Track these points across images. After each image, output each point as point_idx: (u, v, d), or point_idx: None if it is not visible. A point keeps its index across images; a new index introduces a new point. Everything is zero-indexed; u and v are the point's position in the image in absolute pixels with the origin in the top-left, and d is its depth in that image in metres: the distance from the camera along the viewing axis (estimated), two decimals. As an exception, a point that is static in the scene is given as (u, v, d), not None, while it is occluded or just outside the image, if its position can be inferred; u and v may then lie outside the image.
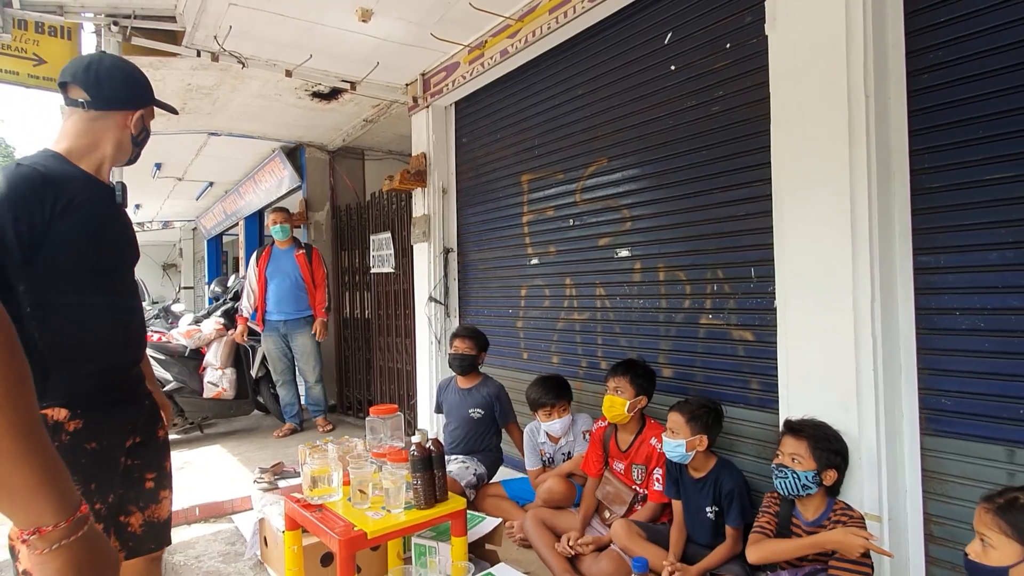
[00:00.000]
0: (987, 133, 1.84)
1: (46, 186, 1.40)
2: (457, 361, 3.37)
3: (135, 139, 1.62)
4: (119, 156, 1.59)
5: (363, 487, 2.15)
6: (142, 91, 1.63)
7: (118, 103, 1.57)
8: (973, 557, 1.39)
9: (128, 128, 1.59)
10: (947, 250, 1.93)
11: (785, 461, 1.94)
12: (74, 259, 1.44)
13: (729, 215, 2.56)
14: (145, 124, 1.64)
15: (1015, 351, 1.80)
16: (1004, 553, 1.34)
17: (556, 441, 3.03)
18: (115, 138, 1.57)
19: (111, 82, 1.56)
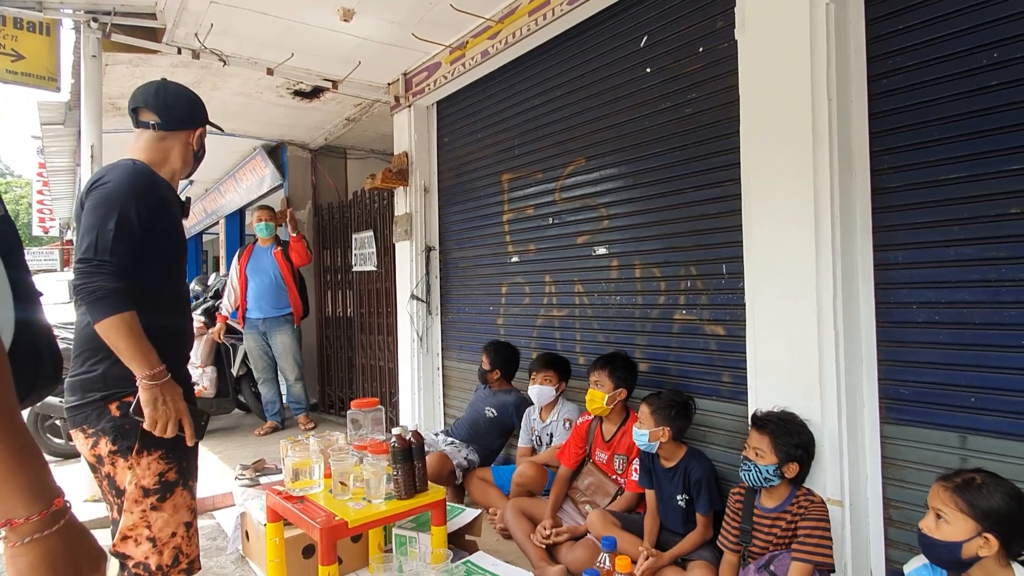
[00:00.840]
0: (942, 135, 1.94)
1: (156, 184, 1.65)
2: (479, 374, 3.56)
3: (196, 155, 1.85)
4: (184, 170, 1.82)
5: (344, 479, 2.19)
6: (201, 112, 1.86)
7: (182, 123, 1.78)
8: (927, 532, 1.47)
9: (191, 145, 1.81)
10: (905, 247, 2.02)
11: (749, 455, 2.02)
12: (166, 252, 1.67)
13: (701, 213, 2.64)
14: (203, 141, 1.86)
15: (966, 342, 1.89)
16: (958, 528, 1.42)
17: (544, 418, 3.14)
18: (182, 154, 1.79)
19: (177, 106, 1.78)
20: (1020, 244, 1.78)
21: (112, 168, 1.62)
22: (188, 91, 1.86)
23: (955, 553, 1.42)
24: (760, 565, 1.97)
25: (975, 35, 1.86)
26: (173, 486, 1.56)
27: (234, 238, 8.43)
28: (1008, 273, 1.81)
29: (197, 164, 1.88)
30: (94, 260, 1.48)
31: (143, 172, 1.62)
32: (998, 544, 1.38)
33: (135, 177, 1.59)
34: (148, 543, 1.52)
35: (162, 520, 1.53)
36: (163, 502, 1.54)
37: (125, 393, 1.53)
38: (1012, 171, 1.79)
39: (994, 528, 1.39)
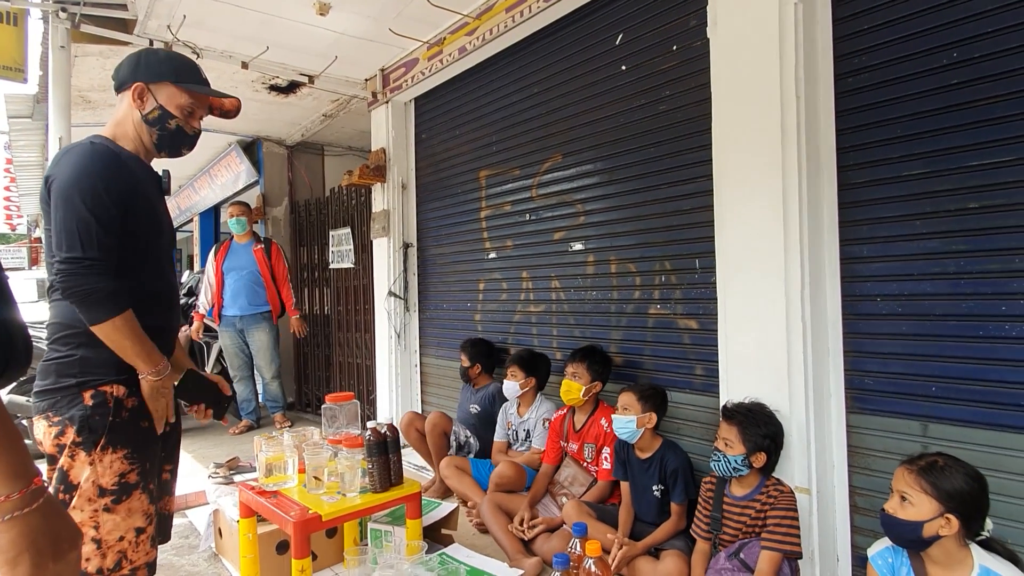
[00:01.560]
0: (904, 133, 1.99)
1: (119, 163, 1.46)
2: (461, 373, 3.57)
3: (147, 119, 1.54)
4: (144, 140, 1.56)
5: (318, 473, 2.18)
6: (146, 66, 1.55)
7: (123, 82, 1.55)
8: (891, 512, 1.52)
9: (136, 106, 1.53)
10: (870, 241, 2.08)
11: (719, 445, 2.06)
12: (142, 238, 1.51)
13: (675, 209, 2.68)
14: (159, 103, 1.53)
15: (928, 333, 1.95)
16: (921, 509, 1.47)
17: (522, 413, 3.16)
18: (132, 121, 1.54)
19: (125, 62, 1.56)
20: (978, 238, 1.85)
21: (67, 152, 1.45)
22: (158, 50, 1.62)
23: (917, 532, 1.46)
24: (730, 553, 2.01)
25: (935, 35, 1.92)
26: (132, 488, 1.45)
27: (209, 235, 8.31)
28: (966, 266, 1.87)
29: (160, 133, 1.54)
30: (84, 259, 1.36)
31: (100, 152, 1.44)
32: (958, 524, 1.43)
33: (93, 160, 1.42)
34: (92, 544, 1.40)
35: (112, 523, 1.42)
36: (118, 504, 1.42)
37: (102, 382, 1.44)
38: (970, 167, 1.85)
39: (955, 509, 1.44)
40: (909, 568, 1.55)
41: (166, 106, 1.54)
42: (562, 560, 1.21)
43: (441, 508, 2.58)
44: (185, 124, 1.58)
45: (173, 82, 1.55)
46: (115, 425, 1.43)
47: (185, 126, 1.58)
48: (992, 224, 1.82)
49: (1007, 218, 1.79)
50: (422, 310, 4.42)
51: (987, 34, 1.82)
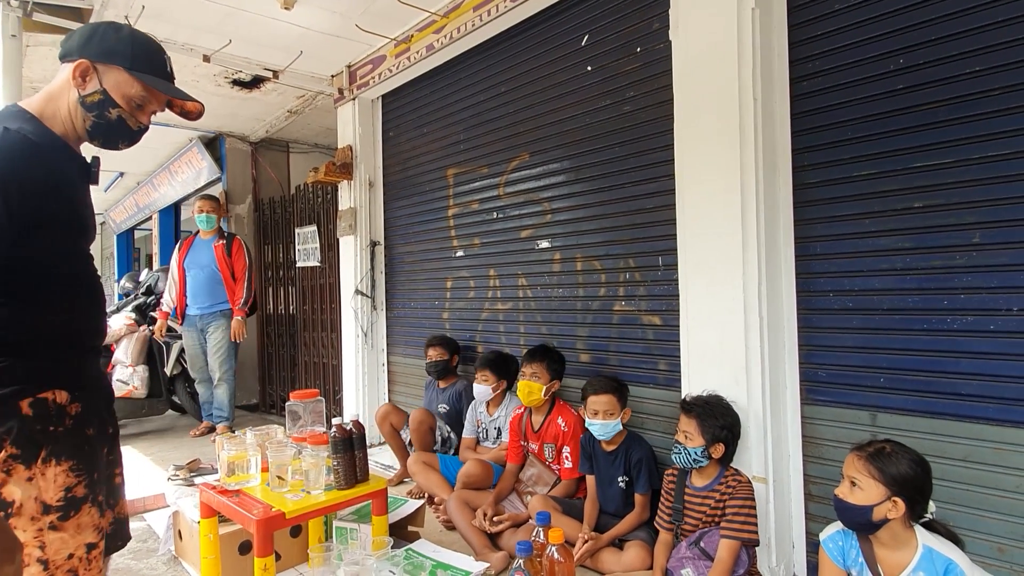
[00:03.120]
0: (855, 135, 2.08)
1: (35, 156, 1.24)
2: (433, 367, 3.50)
3: (83, 101, 1.32)
4: (75, 122, 1.34)
5: (281, 472, 2.15)
6: (100, 41, 1.35)
7: (68, 52, 1.35)
8: (842, 497, 1.59)
9: (72, 82, 1.32)
10: (823, 239, 2.16)
11: (679, 438, 2.12)
12: (63, 238, 1.32)
13: (639, 208, 2.73)
14: (104, 87, 1.33)
15: (877, 327, 2.04)
16: (870, 494, 1.54)
17: (491, 412, 3.18)
18: (66, 98, 1.33)
19: (77, 32, 1.37)
20: (922, 235, 1.94)
21: None
22: (121, 27, 1.40)
23: (867, 516, 1.53)
24: (691, 541, 2.06)
25: (883, 42, 2.01)
26: (80, 502, 1.29)
27: (169, 234, 8.08)
28: (912, 262, 1.96)
29: (96, 120, 1.34)
30: None
31: (14, 143, 1.21)
32: (904, 507, 1.51)
33: (3, 159, 1.19)
34: (38, 565, 1.25)
35: (60, 542, 1.26)
36: (65, 521, 1.27)
37: (42, 389, 1.26)
38: (915, 168, 1.95)
39: (901, 493, 1.51)
40: (858, 550, 1.62)
41: (111, 92, 1.34)
42: (525, 547, 1.23)
43: (408, 505, 2.57)
44: (129, 117, 1.39)
45: (126, 68, 1.35)
46: (57, 435, 1.27)
47: (129, 119, 1.39)
48: (935, 222, 1.91)
49: (948, 216, 1.89)
50: (389, 308, 4.40)
51: (931, 41, 1.91)
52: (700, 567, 2.00)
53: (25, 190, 1.19)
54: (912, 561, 1.52)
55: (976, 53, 1.83)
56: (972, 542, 1.75)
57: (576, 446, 2.68)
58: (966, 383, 1.86)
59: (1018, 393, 1.76)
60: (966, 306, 1.86)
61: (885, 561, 1.57)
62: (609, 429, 2.41)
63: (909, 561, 1.53)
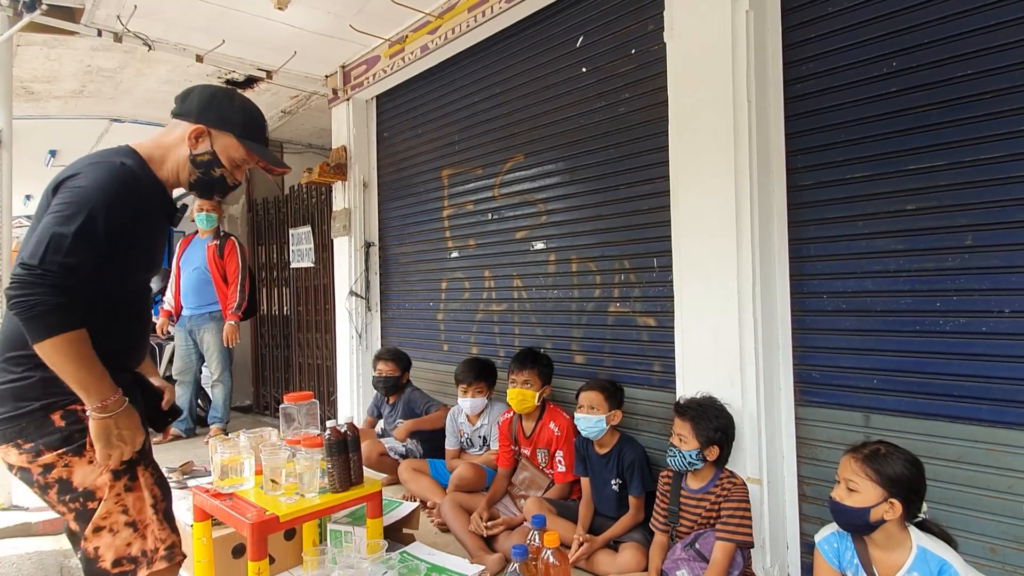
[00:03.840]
0: (848, 137, 2.09)
1: (137, 190, 1.40)
2: (381, 383, 3.48)
3: (194, 159, 1.51)
4: (180, 174, 1.52)
5: (275, 476, 2.14)
6: (218, 109, 1.53)
7: (188, 113, 1.52)
8: (838, 500, 1.58)
9: (187, 142, 1.50)
10: (816, 240, 2.17)
11: (674, 441, 2.11)
12: (134, 266, 1.48)
13: (634, 209, 2.74)
14: (213, 148, 1.52)
15: (870, 328, 2.05)
16: (866, 496, 1.54)
17: (473, 422, 3.15)
18: (177, 152, 1.51)
19: (199, 96, 1.53)
20: (915, 237, 1.95)
21: (92, 165, 1.38)
22: (235, 96, 1.59)
23: (864, 518, 1.53)
24: (686, 543, 2.06)
25: (877, 45, 2.02)
26: (136, 465, 1.44)
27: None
28: (904, 264, 1.97)
29: (202, 176, 1.53)
30: (37, 268, 1.25)
31: (124, 176, 1.37)
32: (901, 508, 1.51)
33: (113, 182, 1.35)
34: (128, 529, 1.40)
35: (138, 501, 1.42)
36: (134, 481, 1.42)
37: (69, 401, 1.37)
38: (908, 171, 1.96)
39: (897, 493, 1.51)
40: (853, 552, 1.62)
41: (219, 154, 1.53)
42: (520, 551, 1.23)
43: (402, 508, 2.56)
44: (229, 175, 1.57)
45: (236, 135, 1.54)
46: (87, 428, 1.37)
47: (228, 177, 1.57)
48: (927, 225, 1.92)
49: (940, 219, 1.90)
50: (384, 310, 4.39)
51: (923, 45, 1.92)
52: (695, 568, 2.00)
53: (121, 214, 1.36)
54: (907, 562, 1.52)
55: (969, 56, 1.84)
56: (965, 543, 1.76)
57: (569, 449, 2.68)
58: (959, 384, 1.87)
59: (1010, 394, 1.77)
60: (958, 308, 1.87)
61: (880, 562, 1.57)
62: (591, 424, 2.41)
63: (904, 562, 1.53)
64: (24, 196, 8.68)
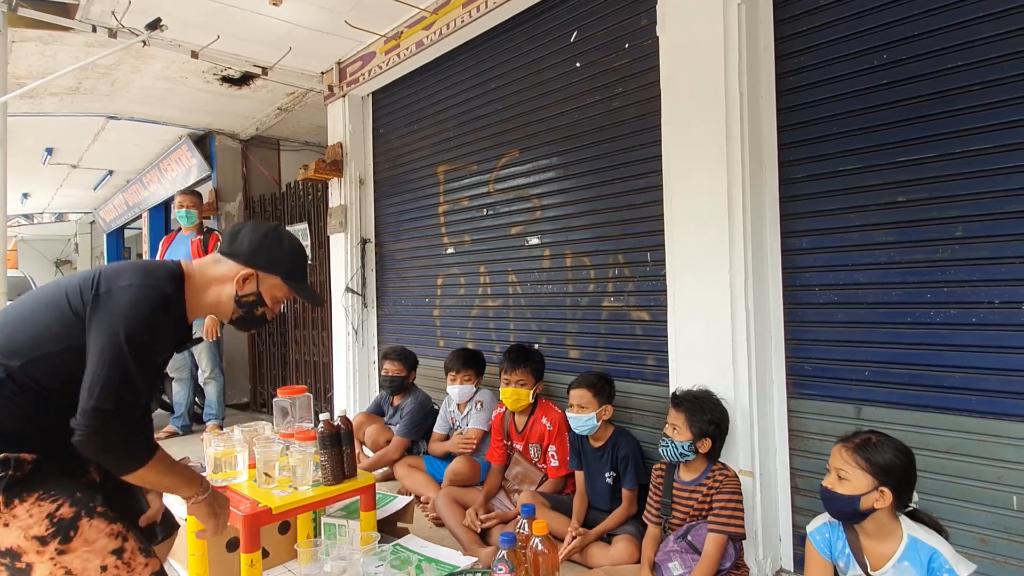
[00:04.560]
0: (840, 130, 2.09)
1: (168, 321, 1.41)
2: (388, 383, 3.46)
3: (239, 300, 1.54)
4: (216, 308, 1.55)
5: (269, 469, 2.14)
6: (268, 252, 1.55)
7: (234, 253, 1.54)
8: (829, 488, 1.58)
9: (234, 283, 1.52)
10: (808, 233, 2.18)
11: (667, 431, 2.11)
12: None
13: (628, 203, 2.74)
14: (259, 290, 1.55)
15: (861, 320, 2.06)
16: (857, 484, 1.54)
17: (462, 410, 3.18)
18: (220, 289, 1.53)
19: (248, 236, 1.56)
20: (905, 229, 1.95)
21: (135, 283, 1.35)
22: (283, 236, 1.61)
23: (854, 506, 1.53)
24: (679, 535, 2.07)
25: (868, 38, 2.02)
26: (74, 521, 1.29)
27: (159, 232, 8.00)
28: (895, 256, 1.98)
29: (245, 315, 1.56)
30: (114, 411, 1.26)
31: (162, 303, 1.37)
32: (891, 496, 1.51)
33: (154, 309, 1.35)
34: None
35: (80, 560, 1.28)
36: (68, 543, 1.28)
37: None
38: (899, 163, 1.96)
39: (888, 482, 1.52)
40: (845, 541, 1.63)
41: (263, 295, 1.56)
42: (508, 538, 1.23)
43: (396, 501, 2.57)
44: (269, 312, 1.60)
45: (282, 277, 1.57)
46: (15, 479, 1.27)
47: (269, 313, 1.60)
48: (918, 216, 1.93)
49: (931, 210, 1.90)
50: (380, 306, 4.39)
51: (913, 37, 1.93)
52: (687, 560, 2.00)
53: (158, 341, 1.38)
54: (897, 551, 1.53)
55: (958, 48, 1.84)
56: (955, 533, 1.76)
57: (562, 443, 2.68)
58: (949, 376, 1.88)
59: (1000, 385, 1.78)
60: (949, 299, 1.88)
61: (871, 551, 1.57)
62: (582, 423, 2.42)
63: (894, 551, 1.53)
64: (21, 194, 8.68)
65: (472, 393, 3.11)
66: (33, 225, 12.01)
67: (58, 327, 1.32)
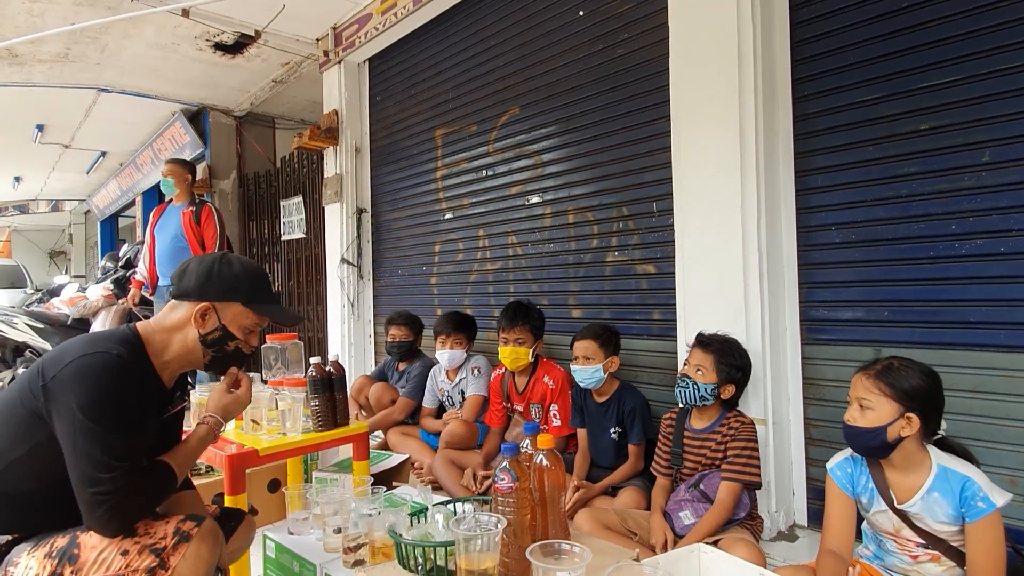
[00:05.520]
0: (858, 59, 2.00)
1: (128, 376, 1.27)
2: (396, 348, 3.31)
3: (204, 340, 1.39)
4: (187, 358, 1.41)
5: (256, 416, 2.04)
6: (218, 280, 1.42)
7: (185, 293, 1.41)
8: (852, 422, 1.46)
9: (193, 323, 1.38)
10: (824, 171, 2.08)
11: (689, 372, 1.99)
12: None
13: (633, 153, 2.64)
14: (222, 323, 1.40)
15: (881, 258, 1.96)
16: (881, 412, 1.41)
17: (451, 378, 3.05)
18: (182, 335, 1.39)
19: (192, 270, 1.44)
20: (928, 158, 1.86)
21: (76, 357, 1.24)
22: (232, 261, 1.46)
23: (881, 437, 1.42)
24: (690, 484, 1.96)
25: (887, -39, 1.93)
26: (72, 541, 1.24)
27: (153, 217, 7.90)
28: (918, 188, 1.88)
29: (215, 355, 1.42)
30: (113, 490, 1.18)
31: (113, 367, 1.25)
32: (919, 423, 1.41)
33: (102, 375, 1.23)
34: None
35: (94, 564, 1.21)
36: (77, 560, 1.21)
37: None
38: (921, 89, 1.86)
39: (914, 408, 1.41)
40: (868, 476, 1.52)
41: (228, 327, 1.42)
42: (511, 447, 1.12)
43: (392, 459, 2.47)
44: (244, 344, 1.45)
45: (244, 303, 1.43)
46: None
47: (243, 346, 1.46)
48: (942, 144, 1.83)
49: (955, 137, 1.81)
50: (376, 278, 4.28)
51: (936, -45, 1.83)
52: (699, 509, 1.90)
53: (127, 401, 1.26)
54: (926, 482, 1.42)
55: (985, -37, 1.75)
56: (983, 474, 1.66)
57: (565, 402, 2.58)
58: (975, 310, 1.78)
59: (1030, 317, 1.68)
60: (975, 229, 1.78)
61: (897, 485, 1.47)
62: (587, 375, 2.31)
63: (923, 483, 1.43)
64: (13, 178, 8.56)
65: (463, 359, 2.99)
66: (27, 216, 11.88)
67: (19, 432, 1.25)
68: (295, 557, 1.63)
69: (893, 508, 1.47)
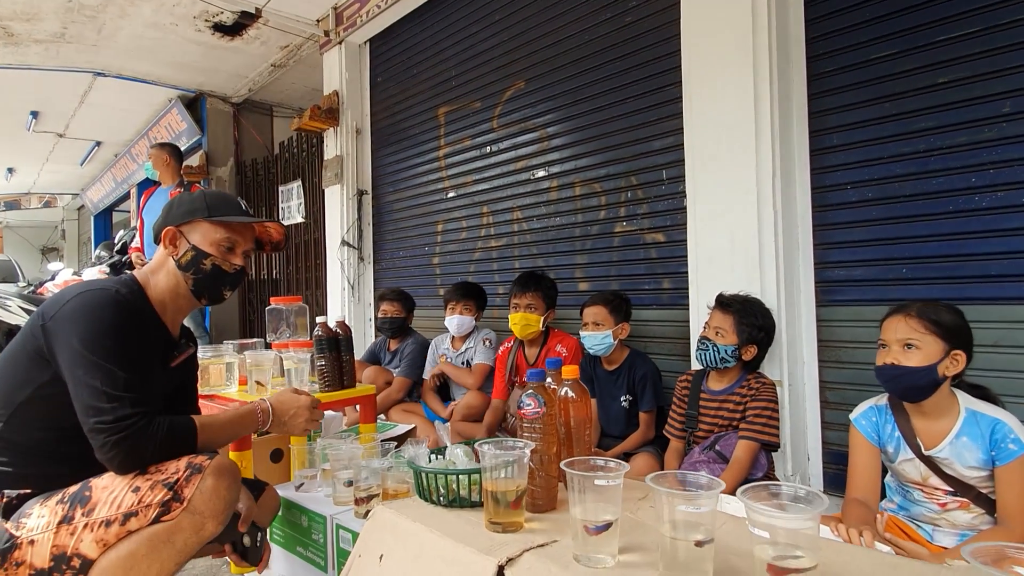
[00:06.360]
0: (874, 14, 1.97)
1: (127, 313, 1.27)
2: (387, 324, 3.24)
3: (180, 264, 1.39)
4: (176, 291, 1.41)
5: (261, 377, 1.99)
6: (177, 206, 1.44)
7: (156, 233, 1.43)
8: (897, 363, 1.38)
9: (167, 253, 1.41)
10: (839, 129, 2.05)
11: (709, 334, 1.93)
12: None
13: (642, 121, 2.61)
14: (192, 243, 1.40)
15: (898, 216, 1.93)
16: (928, 351, 1.35)
17: (458, 346, 3.00)
18: (163, 270, 1.41)
19: (160, 216, 1.45)
20: (946, 112, 1.83)
21: (75, 296, 1.24)
22: (193, 190, 1.49)
23: (932, 375, 1.36)
24: (705, 446, 1.92)
25: (904, -85, 1.90)
26: (85, 484, 1.21)
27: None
28: (935, 142, 1.85)
29: (199, 279, 1.40)
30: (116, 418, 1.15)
31: (110, 303, 1.25)
32: (965, 360, 1.37)
33: (103, 308, 1.23)
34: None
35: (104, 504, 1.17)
36: (89, 502, 1.18)
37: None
38: (938, 42, 1.84)
39: (958, 344, 1.37)
40: (894, 424, 1.48)
41: (199, 245, 1.41)
42: (537, 373, 1.08)
43: (399, 428, 2.42)
44: (223, 262, 1.43)
45: (205, 218, 1.42)
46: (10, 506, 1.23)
47: (223, 263, 1.43)
48: (960, 97, 1.81)
49: (974, 89, 1.78)
50: (377, 260, 4.23)
51: (955, -94, 1.81)
52: (715, 471, 1.85)
53: (131, 340, 1.25)
54: (954, 427, 1.39)
55: (1005, -89, 1.73)
56: (1007, 427, 1.63)
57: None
58: (996, 263, 1.75)
59: (1053, 267, 1.65)
60: (995, 181, 1.75)
61: (924, 432, 1.43)
62: (597, 341, 2.26)
63: (951, 428, 1.39)
64: (6, 169, 8.45)
65: (471, 327, 2.94)
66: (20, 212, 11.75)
67: (23, 374, 1.24)
68: (303, 511, 1.57)
69: (920, 455, 1.44)
